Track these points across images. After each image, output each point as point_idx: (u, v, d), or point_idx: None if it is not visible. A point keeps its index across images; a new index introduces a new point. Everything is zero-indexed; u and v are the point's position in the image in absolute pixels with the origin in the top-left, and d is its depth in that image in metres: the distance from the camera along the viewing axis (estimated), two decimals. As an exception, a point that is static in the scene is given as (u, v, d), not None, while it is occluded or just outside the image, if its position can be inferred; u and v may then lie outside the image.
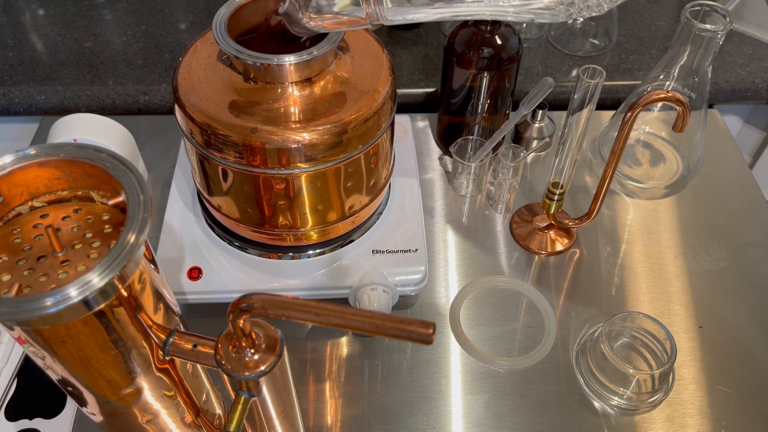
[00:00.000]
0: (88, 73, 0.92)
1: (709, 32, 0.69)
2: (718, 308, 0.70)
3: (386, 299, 0.64)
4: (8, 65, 0.93)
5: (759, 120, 1.05)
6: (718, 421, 0.62)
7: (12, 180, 0.35)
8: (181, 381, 0.42)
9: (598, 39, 0.97)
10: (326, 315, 0.34)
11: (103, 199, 0.37)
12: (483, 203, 0.80)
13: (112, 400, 0.39)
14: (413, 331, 0.33)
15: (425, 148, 0.86)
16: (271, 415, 0.44)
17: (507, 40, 0.73)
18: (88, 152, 0.35)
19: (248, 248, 0.66)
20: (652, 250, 0.76)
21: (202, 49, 0.59)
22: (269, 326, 0.40)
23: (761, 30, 0.99)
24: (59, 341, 0.33)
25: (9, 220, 0.36)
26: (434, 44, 0.98)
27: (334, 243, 0.66)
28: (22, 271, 0.34)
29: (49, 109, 0.91)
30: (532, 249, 0.75)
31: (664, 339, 0.64)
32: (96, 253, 0.35)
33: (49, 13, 1.03)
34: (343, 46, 0.60)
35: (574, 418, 0.62)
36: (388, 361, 0.66)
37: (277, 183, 0.57)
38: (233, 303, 0.35)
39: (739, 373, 0.65)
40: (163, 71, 0.93)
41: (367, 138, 0.57)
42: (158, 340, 0.38)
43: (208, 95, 0.55)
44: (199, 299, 0.65)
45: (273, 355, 0.38)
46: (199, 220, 0.69)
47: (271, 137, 0.53)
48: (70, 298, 0.29)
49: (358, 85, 0.57)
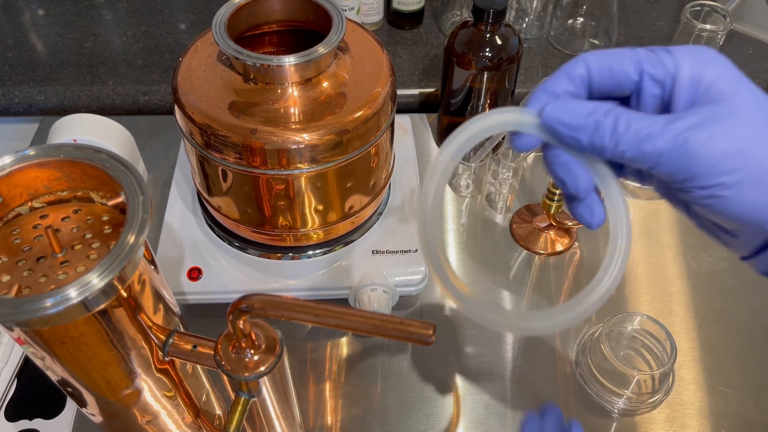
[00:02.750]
0: (88, 73, 0.92)
1: (709, 32, 0.69)
2: (718, 308, 0.70)
3: (386, 299, 0.64)
4: (8, 65, 0.93)
5: (759, 120, 1.05)
6: (718, 421, 0.62)
7: (11, 180, 0.35)
8: (181, 382, 0.42)
9: (598, 39, 0.97)
10: (326, 316, 0.34)
11: (103, 199, 0.37)
12: (483, 203, 0.80)
13: (112, 400, 0.39)
14: (413, 332, 0.33)
15: (425, 148, 0.86)
16: (270, 416, 0.44)
17: (507, 40, 0.73)
18: (87, 153, 0.35)
19: (248, 248, 0.66)
20: (652, 250, 0.76)
21: (202, 49, 0.59)
22: (269, 327, 0.40)
23: (761, 30, 0.99)
24: (59, 342, 0.33)
25: (8, 220, 0.36)
26: (434, 44, 0.98)
27: (334, 243, 0.66)
28: (21, 271, 0.34)
29: (48, 110, 0.91)
30: (532, 249, 0.75)
31: (664, 339, 0.64)
32: (95, 254, 0.35)
33: (49, 13, 1.03)
34: (342, 46, 0.59)
35: (574, 418, 0.62)
36: (388, 362, 0.66)
37: (277, 184, 0.57)
38: (233, 304, 0.35)
39: (739, 374, 0.65)
40: (163, 71, 0.93)
41: (367, 138, 0.57)
42: (158, 341, 0.38)
43: (208, 96, 0.55)
44: (199, 299, 0.65)
45: (273, 355, 0.38)
46: (199, 220, 0.69)
47: (270, 138, 0.53)
48: (70, 298, 0.29)
49: (358, 86, 0.57)
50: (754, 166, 0.30)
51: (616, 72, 0.32)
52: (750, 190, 0.30)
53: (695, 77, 0.31)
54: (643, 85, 0.32)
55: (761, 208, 0.30)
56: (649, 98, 0.33)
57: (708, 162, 0.30)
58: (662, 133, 0.30)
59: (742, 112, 0.30)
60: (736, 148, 0.30)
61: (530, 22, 0.96)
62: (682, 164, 0.30)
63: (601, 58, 0.33)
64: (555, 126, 0.32)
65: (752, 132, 0.30)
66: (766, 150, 0.30)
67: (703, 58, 0.32)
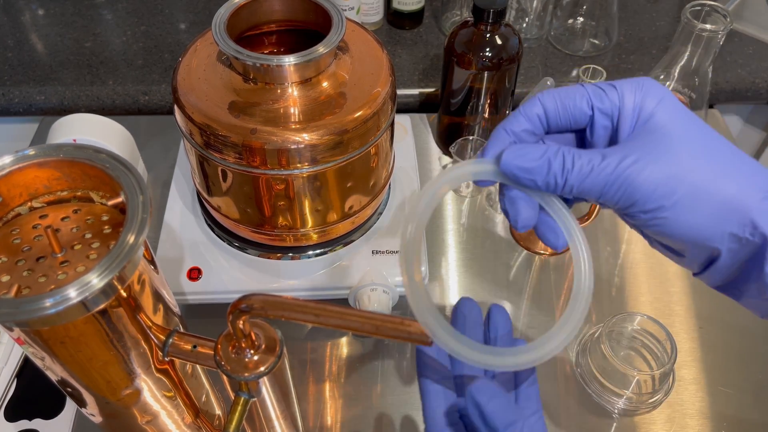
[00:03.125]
0: (87, 73, 0.92)
1: (709, 32, 0.68)
2: (719, 309, 0.70)
3: (386, 300, 0.64)
4: (8, 65, 0.93)
5: (759, 120, 1.05)
6: (718, 421, 0.62)
7: (11, 180, 0.35)
8: (181, 382, 0.42)
9: (599, 39, 0.97)
10: (326, 316, 0.34)
11: (103, 199, 0.36)
12: (483, 203, 0.80)
13: (112, 400, 0.39)
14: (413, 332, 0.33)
15: (425, 148, 0.86)
16: (270, 416, 0.44)
17: (507, 40, 0.73)
18: (87, 153, 0.35)
19: (248, 248, 0.66)
20: (653, 250, 0.75)
21: (201, 49, 0.59)
22: (269, 327, 0.39)
23: (761, 30, 0.99)
24: (58, 342, 0.32)
25: (8, 220, 0.36)
26: (434, 44, 0.98)
27: (334, 243, 0.66)
28: (21, 271, 0.33)
29: (48, 110, 0.91)
30: (533, 249, 0.75)
31: (665, 339, 0.64)
32: (95, 254, 0.34)
33: (49, 13, 1.03)
34: (342, 46, 0.59)
35: (575, 418, 0.62)
36: (388, 362, 0.66)
37: (277, 184, 0.57)
38: (233, 304, 0.35)
39: (739, 374, 0.65)
40: (163, 71, 0.93)
41: (366, 138, 0.57)
42: (158, 341, 0.38)
43: (208, 96, 0.55)
44: (198, 299, 0.65)
45: (273, 356, 0.38)
46: (198, 220, 0.69)
47: (270, 138, 0.53)
48: (70, 298, 0.29)
49: (357, 86, 0.57)
50: (687, 190, 0.32)
51: (570, 108, 0.35)
52: (686, 212, 0.32)
53: (636, 107, 0.34)
54: (595, 118, 0.35)
55: (698, 229, 0.33)
56: (600, 130, 0.36)
57: (645, 189, 0.32)
58: (602, 168, 0.33)
59: (675, 138, 0.33)
60: (670, 174, 0.32)
61: (530, 22, 0.96)
62: (623, 194, 0.33)
63: (556, 97, 0.36)
64: (513, 171, 0.34)
65: (685, 158, 0.33)
66: (698, 174, 0.32)
67: (644, 88, 0.34)
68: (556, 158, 0.33)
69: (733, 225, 0.32)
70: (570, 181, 0.33)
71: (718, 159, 0.33)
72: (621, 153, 0.33)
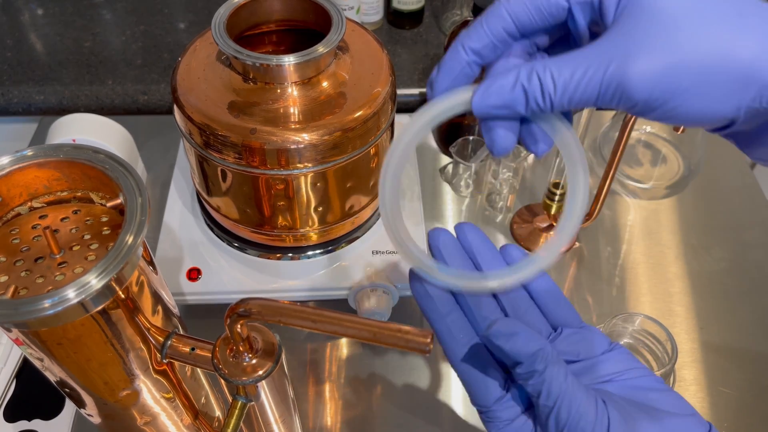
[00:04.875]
0: (87, 72, 0.92)
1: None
2: (719, 309, 0.70)
3: (386, 300, 0.63)
4: (7, 65, 0.93)
5: (760, 120, 1.05)
6: (719, 422, 0.62)
7: (11, 180, 0.34)
8: (180, 383, 0.42)
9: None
10: (323, 322, 0.34)
11: (102, 200, 0.36)
12: (483, 203, 0.80)
13: (110, 401, 0.39)
14: (410, 339, 0.33)
15: (425, 148, 0.86)
16: (269, 420, 0.44)
17: (507, 40, 0.72)
18: (86, 153, 0.34)
19: (248, 249, 0.65)
20: (653, 250, 0.76)
21: (201, 49, 0.59)
22: (267, 331, 0.39)
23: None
24: (56, 343, 0.32)
25: (8, 220, 0.36)
26: (434, 44, 0.98)
27: (334, 244, 0.66)
28: (19, 272, 0.33)
29: (47, 109, 0.91)
30: (533, 249, 0.75)
31: (665, 340, 0.63)
32: (94, 255, 0.34)
33: (48, 12, 1.02)
34: (342, 46, 0.59)
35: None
36: (387, 364, 0.66)
37: (277, 184, 0.57)
38: (230, 308, 0.35)
39: (739, 374, 0.65)
40: (162, 71, 0.93)
41: (367, 138, 0.57)
42: (156, 343, 0.38)
43: (208, 95, 0.55)
44: (198, 300, 0.65)
45: (271, 360, 0.38)
46: (198, 220, 0.68)
47: (270, 138, 0.53)
48: (68, 299, 0.29)
49: (357, 86, 0.57)
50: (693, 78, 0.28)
51: (544, 6, 0.32)
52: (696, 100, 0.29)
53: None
54: (573, 9, 0.31)
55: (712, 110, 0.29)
56: (582, 20, 0.32)
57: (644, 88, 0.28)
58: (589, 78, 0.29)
59: (668, 13, 0.29)
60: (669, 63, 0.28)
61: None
62: (620, 98, 0.29)
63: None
64: (489, 112, 0.31)
65: (684, 37, 0.28)
66: (702, 54, 0.28)
67: None
68: (530, 83, 0.30)
69: (749, 97, 0.29)
70: (556, 102, 0.30)
71: (724, 26, 0.28)
72: (607, 50, 0.29)
